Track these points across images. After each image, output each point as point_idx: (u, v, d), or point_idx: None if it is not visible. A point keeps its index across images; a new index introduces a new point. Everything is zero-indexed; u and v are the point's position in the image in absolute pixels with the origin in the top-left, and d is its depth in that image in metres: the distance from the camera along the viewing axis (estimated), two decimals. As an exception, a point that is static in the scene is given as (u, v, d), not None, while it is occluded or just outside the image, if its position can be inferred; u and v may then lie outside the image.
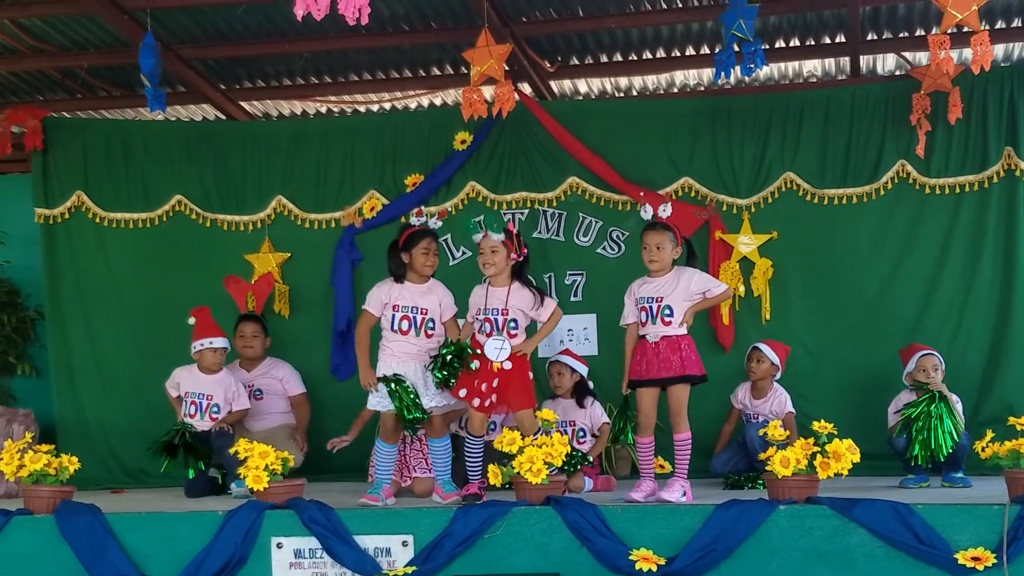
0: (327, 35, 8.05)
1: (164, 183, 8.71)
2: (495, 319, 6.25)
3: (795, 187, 8.08)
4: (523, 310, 6.30)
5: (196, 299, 8.21)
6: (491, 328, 6.25)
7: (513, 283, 6.32)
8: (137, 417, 8.44)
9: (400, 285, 6.46)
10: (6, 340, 8.92)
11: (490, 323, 6.25)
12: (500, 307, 6.25)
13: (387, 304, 6.43)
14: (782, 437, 5.60)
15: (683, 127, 8.24)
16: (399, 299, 6.41)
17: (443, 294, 6.51)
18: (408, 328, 6.38)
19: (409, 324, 6.38)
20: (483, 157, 8.43)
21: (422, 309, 6.40)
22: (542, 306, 6.34)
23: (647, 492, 6.01)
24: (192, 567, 5.59)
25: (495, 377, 6.20)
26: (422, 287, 6.48)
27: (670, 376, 6.03)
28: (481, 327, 6.30)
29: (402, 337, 6.38)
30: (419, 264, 6.44)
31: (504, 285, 6.32)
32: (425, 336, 6.40)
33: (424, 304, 6.42)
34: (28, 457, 5.92)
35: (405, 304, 6.41)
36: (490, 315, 6.26)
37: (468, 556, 5.45)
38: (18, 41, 8.16)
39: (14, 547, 5.80)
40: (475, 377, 6.22)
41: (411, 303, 6.41)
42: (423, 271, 6.45)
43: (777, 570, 5.24)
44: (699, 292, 6.11)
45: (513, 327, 6.26)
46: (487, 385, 6.19)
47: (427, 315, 6.40)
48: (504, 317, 6.24)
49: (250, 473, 5.71)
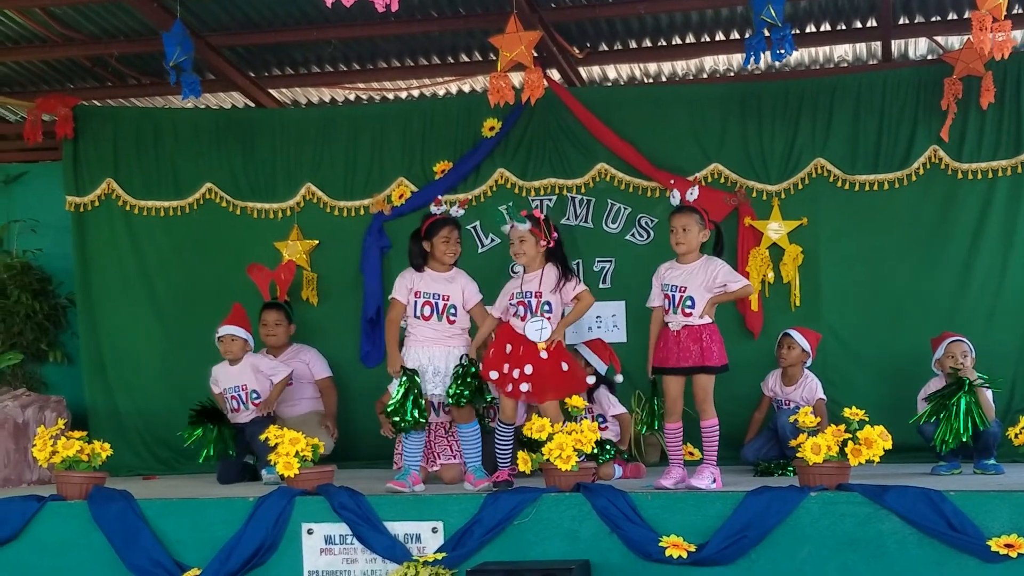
0: (356, 22, 8.04)
1: (194, 171, 8.74)
2: (529, 301, 6.24)
3: (826, 173, 8.02)
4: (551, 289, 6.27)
5: (225, 287, 8.28)
6: (525, 311, 6.24)
7: (546, 266, 6.31)
8: (167, 404, 8.48)
9: (422, 273, 6.47)
10: (38, 327, 9.00)
11: (524, 306, 6.24)
12: (534, 290, 6.25)
13: (410, 290, 6.44)
14: (813, 424, 5.58)
15: (713, 113, 8.19)
16: (421, 285, 6.43)
17: (466, 282, 6.51)
18: (430, 314, 6.39)
19: (431, 310, 6.39)
20: (511, 144, 8.41)
21: (444, 295, 6.41)
22: (566, 283, 6.30)
23: (676, 479, 5.99)
24: (223, 553, 5.62)
25: (527, 363, 6.19)
26: (445, 275, 6.49)
27: (690, 366, 6.01)
28: (515, 311, 6.29)
29: (424, 323, 6.39)
30: (440, 252, 6.44)
31: (537, 270, 6.31)
32: (448, 322, 6.40)
33: (446, 291, 6.43)
34: (61, 443, 5.98)
35: (427, 290, 6.42)
36: (524, 298, 6.25)
37: (498, 542, 5.47)
38: (48, 30, 8.20)
39: (47, 533, 5.87)
40: (507, 361, 6.22)
41: (433, 289, 6.42)
42: (444, 259, 6.46)
43: (808, 557, 5.22)
44: (720, 285, 6.08)
45: (547, 309, 6.24)
46: (519, 372, 6.19)
47: (449, 301, 6.41)
48: (538, 300, 6.23)
49: (280, 460, 5.74)
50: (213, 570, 5.60)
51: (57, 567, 5.83)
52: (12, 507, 5.91)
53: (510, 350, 6.23)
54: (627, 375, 7.55)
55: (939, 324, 7.53)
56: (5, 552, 5.86)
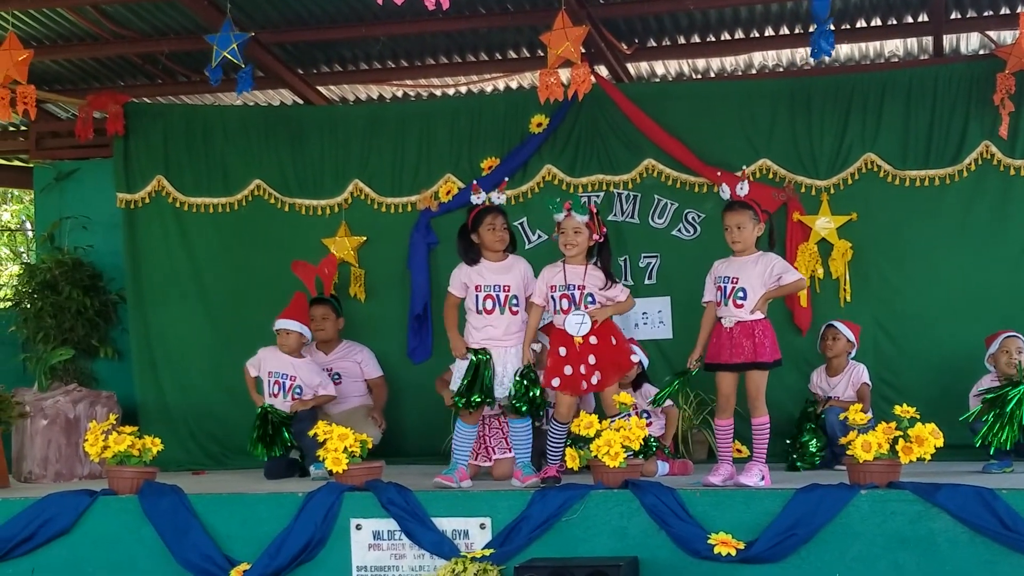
0: (404, 19, 8.06)
1: (243, 168, 8.79)
2: (572, 294, 6.23)
3: (876, 168, 7.95)
4: (596, 288, 6.28)
5: (274, 283, 8.33)
6: (568, 304, 6.23)
7: (588, 264, 6.30)
8: (216, 400, 8.55)
9: (477, 266, 6.47)
10: (89, 323, 9.06)
11: (568, 299, 6.24)
12: (577, 283, 6.23)
13: (468, 286, 6.44)
14: (863, 421, 5.52)
15: (762, 108, 8.15)
16: (479, 279, 6.43)
17: (525, 268, 6.49)
18: (492, 307, 6.38)
19: (493, 303, 6.39)
20: (559, 140, 8.40)
21: (504, 286, 6.40)
22: (610, 289, 6.30)
23: (725, 476, 5.96)
24: (273, 548, 5.65)
25: (589, 354, 6.18)
26: (502, 264, 6.48)
27: (742, 362, 5.98)
28: (557, 305, 6.28)
29: (487, 317, 6.38)
30: (488, 241, 6.43)
31: (582, 264, 6.30)
32: (511, 313, 6.39)
33: (505, 281, 6.42)
34: (112, 438, 6.04)
35: (486, 283, 6.41)
36: (568, 291, 6.24)
37: (546, 539, 5.46)
38: (100, 27, 8.29)
39: (99, 527, 5.93)
40: (566, 362, 6.21)
41: (492, 281, 6.41)
42: (494, 247, 6.44)
43: (859, 555, 5.17)
44: (775, 277, 6.03)
45: (590, 301, 6.24)
46: (585, 366, 6.18)
47: (510, 292, 6.40)
48: (581, 292, 6.23)
49: (329, 455, 5.77)
50: (263, 565, 5.62)
51: (109, 561, 5.88)
52: (65, 501, 5.96)
53: (566, 352, 6.22)
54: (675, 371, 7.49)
55: (990, 321, 7.44)
56: (58, 546, 5.91)
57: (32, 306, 9.03)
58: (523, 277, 6.46)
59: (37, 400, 7.96)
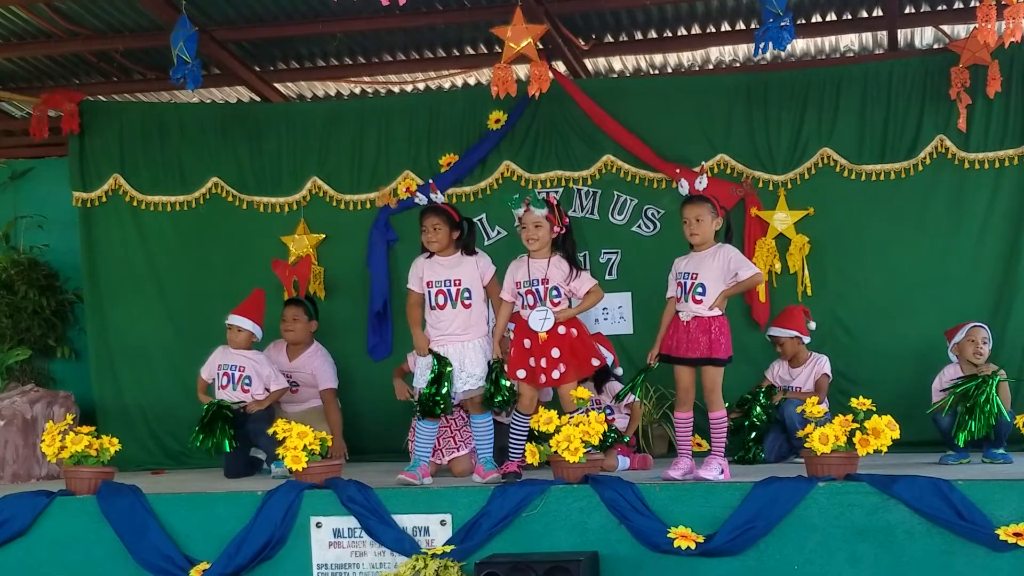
0: (361, 15, 8.03)
1: (200, 165, 8.74)
2: (536, 289, 6.25)
3: (832, 163, 8.01)
4: (561, 281, 6.29)
5: (233, 282, 8.28)
6: (534, 300, 6.24)
7: (553, 256, 6.31)
8: (175, 399, 8.49)
9: (430, 260, 6.48)
10: (46, 323, 9.00)
11: (532, 295, 6.25)
12: (540, 277, 6.25)
13: (422, 280, 6.45)
14: (820, 414, 5.57)
15: (718, 104, 8.18)
16: (431, 274, 6.44)
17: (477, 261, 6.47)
18: (444, 302, 6.39)
19: (445, 298, 6.39)
20: (517, 136, 8.40)
21: (455, 280, 6.40)
22: (576, 278, 6.31)
23: (685, 470, 5.99)
24: (232, 547, 5.63)
25: (552, 347, 6.19)
26: (451, 258, 6.48)
27: (697, 357, 6.01)
28: (523, 300, 6.29)
29: (439, 312, 6.39)
30: (424, 241, 6.47)
31: (545, 257, 6.31)
32: (463, 306, 6.38)
33: (456, 275, 6.42)
34: (69, 439, 5.99)
35: (438, 278, 6.42)
36: (532, 287, 6.26)
37: (506, 535, 5.48)
38: (53, 25, 8.19)
39: (57, 528, 5.88)
40: (529, 354, 6.22)
41: (443, 276, 6.42)
42: (429, 247, 6.46)
43: (817, 547, 5.22)
44: (732, 272, 6.06)
45: (555, 295, 6.25)
46: (547, 359, 6.19)
47: (461, 285, 6.40)
48: (545, 287, 6.24)
49: (289, 453, 5.75)
50: (222, 564, 5.60)
51: (67, 562, 5.84)
52: (22, 502, 5.91)
53: (529, 344, 6.24)
54: (634, 366, 7.56)
55: (947, 313, 7.52)
56: (15, 547, 5.87)
57: (-13, 306, 8.93)
58: (476, 270, 6.45)
59: (-7, 401, 7.90)
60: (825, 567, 5.21)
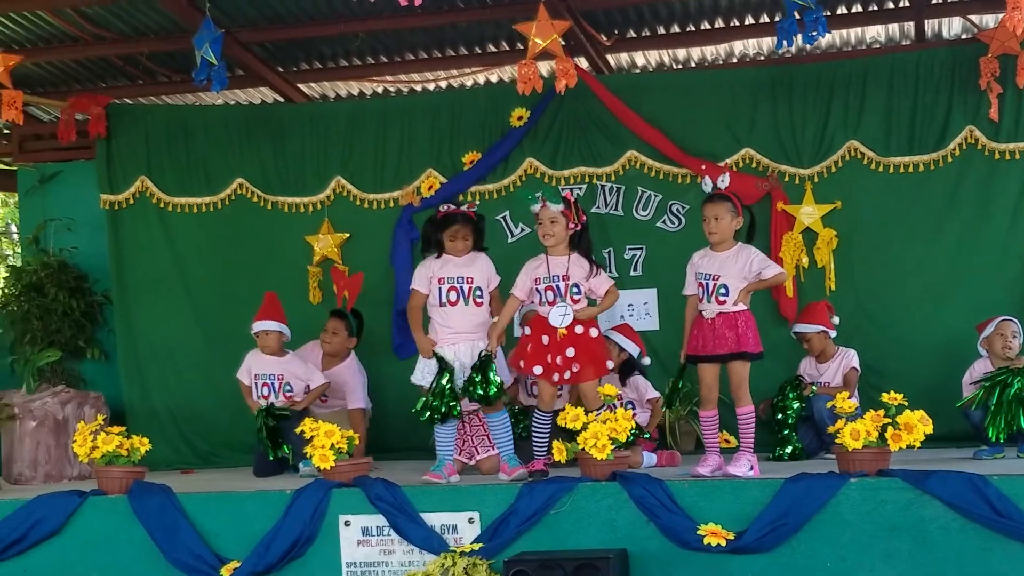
0: (383, 15, 8.04)
1: (225, 167, 8.78)
2: (557, 286, 6.22)
3: (859, 156, 7.95)
4: (581, 278, 6.27)
5: (259, 282, 8.29)
6: (554, 296, 6.22)
7: (572, 253, 6.29)
8: (202, 399, 8.55)
9: (439, 259, 6.47)
10: (75, 325, 9.04)
11: (552, 291, 6.23)
12: (561, 274, 6.22)
13: (431, 279, 6.43)
14: (851, 409, 5.52)
15: (743, 98, 8.14)
16: (442, 271, 6.42)
17: (487, 262, 6.48)
18: (456, 299, 6.37)
19: (457, 295, 6.38)
20: (540, 133, 8.39)
21: (467, 278, 6.39)
22: (595, 276, 6.28)
23: (713, 466, 5.96)
24: (262, 545, 5.65)
25: (568, 346, 6.17)
26: (465, 258, 6.47)
27: (725, 353, 5.97)
28: (543, 297, 6.27)
29: (451, 309, 6.37)
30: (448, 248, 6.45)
31: (564, 254, 6.28)
32: (475, 304, 6.38)
33: (469, 273, 6.41)
34: (100, 439, 6.02)
35: (450, 275, 6.41)
36: (552, 283, 6.23)
37: (534, 532, 5.46)
38: (80, 29, 8.26)
39: (89, 527, 5.92)
40: (547, 351, 6.20)
41: (455, 273, 6.40)
42: (454, 252, 6.45)
43: (849, 543, 5.18)
44: (755, 273, 6.02)
45: (576, 292, 6.22)
46: (562, 357, 6.17)
47: (473, 283, 6.39)
48: (566, 283, 6.21)
49: (316, 452, 5.76)
50: (252, 562, 5.62)
51: (100, 561, 5.88)
52: (54, 502, 5.96)
53: (547, 341, 6.21)
54: (660, 362, 7.54)
55: (977, 306, 7.46)
56: (49, 547, 5.91)
57: (19, 309, 8.99)
58: (486, 271, 6.46)
59: (25, 402, 7.96)
60: (858, 564, 5.16)
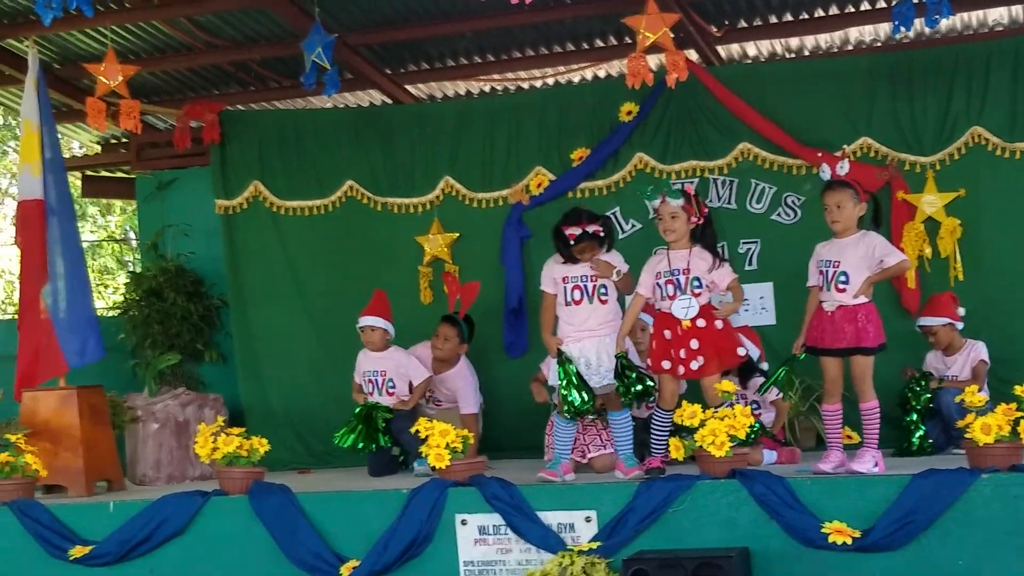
0: (489, 14, 8.04)
1: (335, 169, 8.85)
2: (677, 279, 6.15)
3: (983, 142, 7.72)
4: (703, 272, 6.18)
5: (370, 283, 8.32)
6: (674, 289, 6.14)
7: (694, 246, 6.20)
8: (318, 400, 8.63)
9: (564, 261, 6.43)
10: (194, 328, 9.22)
11: (673, 284, 6.15)
12: (682, 267, 6.14)
13: (557, 280, 6.40)
14: (980, 403, 5.35)
15: (860, 86, 7.95)
16: (567, 271, 6.38)
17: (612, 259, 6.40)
18: (580, 297, 6.34)
19: (581, 293, 6.34)
20: (650, 127, 8.29)
21: (592, 276, 6.35)
22: (718, 269, 6.18)
23: (836, 463, 5.82)
24: (380, 544, 5.68)
25: (692, 338, 6.09)
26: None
27: (843, 347, 5.84)
28: (663, 291, 6.19)
29: (576, 308, 6.33)
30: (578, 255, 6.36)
31: (685, 248, 6.20)
32: (600, 302, 6.33)
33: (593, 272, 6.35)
34: (221, 440, 6.11)
35: (573, 275, 6.36)
36: (673, 276, 6.16)
37: (653, 531, 5.40)
38: (193, 38, 8.42)
39: (212, 527, 6.03)
40: (670, 345, 6.13)
41: (580, 272, 6.36)
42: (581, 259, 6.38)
43: (981, 542, 5.03)
44: (877, 259, 5.87)
45: (697, 285, 6.14)
46: (686, 350, 6.09)
47: (598, 281, 6.34)
48: (686, 276, 6.13)
49: (432, 451, 5.77)
50: (371, 561, 5.65)
51: (223, 560, 5.97)
52: (178, 503, 6.08)
53: (670, 335, 6.14)
54: (778, 358, 7.38)
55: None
56: (173, 546, 6.03)
57: (139, 313, 9.20)
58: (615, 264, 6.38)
59: (148, 405, 8.17)
60: (991, 562, 5.01)
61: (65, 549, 6.11)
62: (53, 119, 7.74)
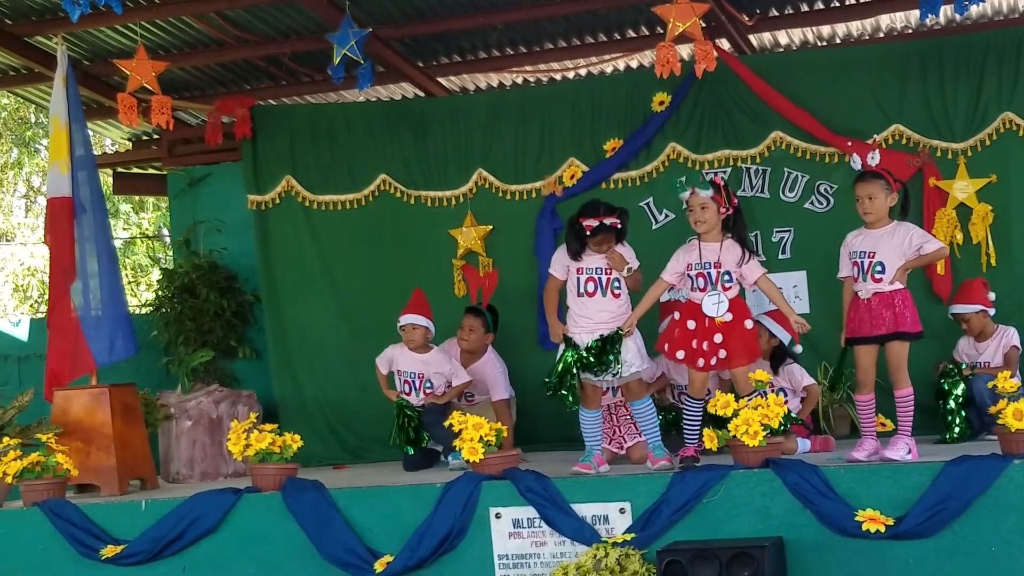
0: (521, 5, 8.03)
1: (368, 163, 8.86)
2: (708, 273, 6.13)
3: (1015, 128, 7.66)
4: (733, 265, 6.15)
5: (404, 277, 8.37)
6: (704, 283, 6.13)
7: (725, 239, 6.18)
8: (352, 395, 8.63)
9: None
10: (227, 324, 9.23)
11: (703, 277, 6.14)
12: (713, 261, 6.12)
13: (570, 268, 6.38)
14: (1013, 388, 5.32)
15: (891, 73, 7.90)
16: (582, 261, 6.36)
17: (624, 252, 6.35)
18: (594, 289, 6.31)
19: (595, 285, 6.32)
20: (682, 117, 8.27)
21: (606, 268, 6.32)
22: (747, 263, 6.16)
23: (870, 451, 5.80)
24: (414, 539, 5.70)
25: (716, 332, 6.07)
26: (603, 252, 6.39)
27: (882, 334, 5.80)
28: (694, 283, 6.18)
29: (588, 300, 6.31)
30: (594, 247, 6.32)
31: (716, 240, 6.18)
32: (612, 296, 6.30)
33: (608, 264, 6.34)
34: (254, 436, 6.14)
35: (588, 266, 6.34)
36: (703, 269, 6.14)
37: (687, 521, 5.40)
38: (224, 33, 8.45)
39: (245, 523, 6.06)
40: (693, 337, 6.11)
41: (595, 264, 6.33)
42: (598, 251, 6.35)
43: (1014, 528, 5.01)
44: (915, 247, 5.84)
45: (727, 280, 6.12)
46: (708, 343, 6.08)
47: (612, 274, 6.31)
48: (717, 271, 6.12)
49: (465, 445, 5.78)
50: (406, 556, 5.68)
51: (256, 556, 6.01)
52: (211, 500, 6.11)
53: (694, 326, 6.12)
54: (812, 346, 7.36)
55: None
56: (207, 543, 6.07)
57: (172, 310, 9.22)
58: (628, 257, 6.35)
59: (181, 402, 8.18)
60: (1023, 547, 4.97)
61: (96, 549, 6.13)
62: (84, 116, 7.77)
